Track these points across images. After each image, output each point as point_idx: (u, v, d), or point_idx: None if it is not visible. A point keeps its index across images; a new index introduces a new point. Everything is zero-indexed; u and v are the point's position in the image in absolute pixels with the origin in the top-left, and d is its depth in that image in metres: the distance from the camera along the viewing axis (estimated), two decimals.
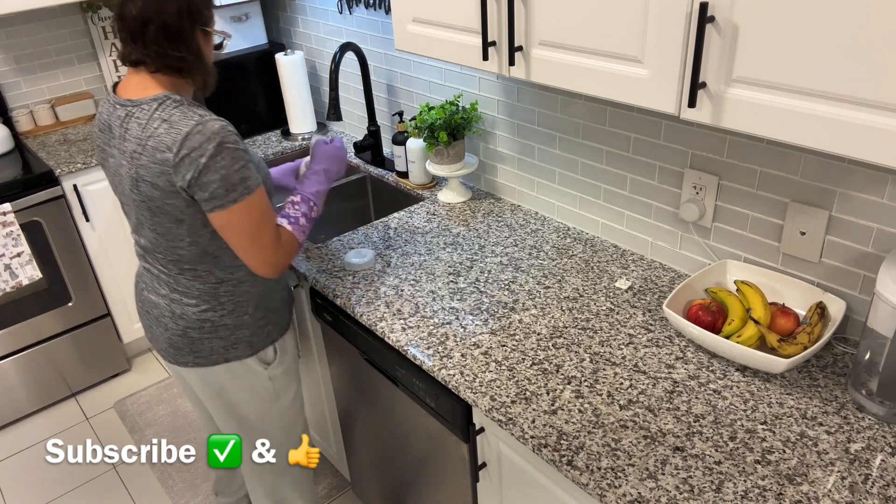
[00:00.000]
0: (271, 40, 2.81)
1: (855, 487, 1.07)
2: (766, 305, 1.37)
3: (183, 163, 1.28)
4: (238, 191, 1.32)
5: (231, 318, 1.54)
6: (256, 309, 1.57)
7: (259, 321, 1.59)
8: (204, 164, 1.28)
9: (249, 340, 1.58)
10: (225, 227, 1.37)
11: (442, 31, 1.52)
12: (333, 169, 1.67)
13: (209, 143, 1.28)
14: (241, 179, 1.32)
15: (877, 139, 0.91)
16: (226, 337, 1.55)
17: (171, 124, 1.29)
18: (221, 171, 1.29)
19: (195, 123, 1.28)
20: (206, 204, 1.33)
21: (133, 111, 1.34)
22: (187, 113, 1.30)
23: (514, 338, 1.47)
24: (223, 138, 1.29)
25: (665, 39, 1.09)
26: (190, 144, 1.27)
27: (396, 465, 1.86)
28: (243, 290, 1.53)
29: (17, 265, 2.42)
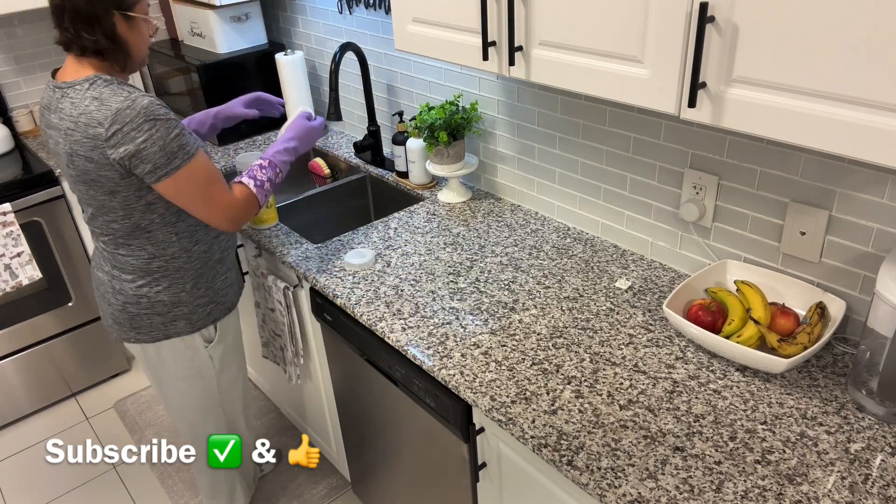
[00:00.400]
0: (271, 40, 2.81)
1: (855, 487, 1.07)
2: (766, 305, 1.37)
3: (115, 137, 1.36)
4: (179, 157, 1.41)
5: (167, 294, 1.60)
6: (195, 287, 1.64)
7: (199, 299, 1.65)
8: (139, 138, 1.36)
9: (188, 318, 1.65)
10: (176, 195, 1.46)
11: (442, 31, 1.51)
12: (301, 147, 1.74)
13: (139, 117, 1.36)
14: (180, 147, 1.41)
15: (877, 139, 0.91)
16: (164, 313, 1.62)
17: (101, 101, 1.37)
18: (159, 143, 1.38)
19: (124, 99, 1.37)
20: (150, 176, 1.41)
21: (67, 91, 1.42)
22: (117, 90, 1.39)
23: (514, 338, 1.47)
24: (153, 111, 1.38)
25: (665, 39, 1.09)
26: (121, 119, 1.36)
27: (396, 465, 1.86)
28: (176, 265, 1.59)
29: (17, 265, 2.42)
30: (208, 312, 1.69)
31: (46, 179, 2.52)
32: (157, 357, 1.70)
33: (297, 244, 1.91)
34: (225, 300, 1.74)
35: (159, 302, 1.61)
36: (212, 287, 1.68)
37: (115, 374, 2.95)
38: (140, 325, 1.63)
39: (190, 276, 1.62)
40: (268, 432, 2.60)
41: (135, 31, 1.46)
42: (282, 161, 1.66)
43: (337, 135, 2.68)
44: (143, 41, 1.49)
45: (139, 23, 1.46)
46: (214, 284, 1.69)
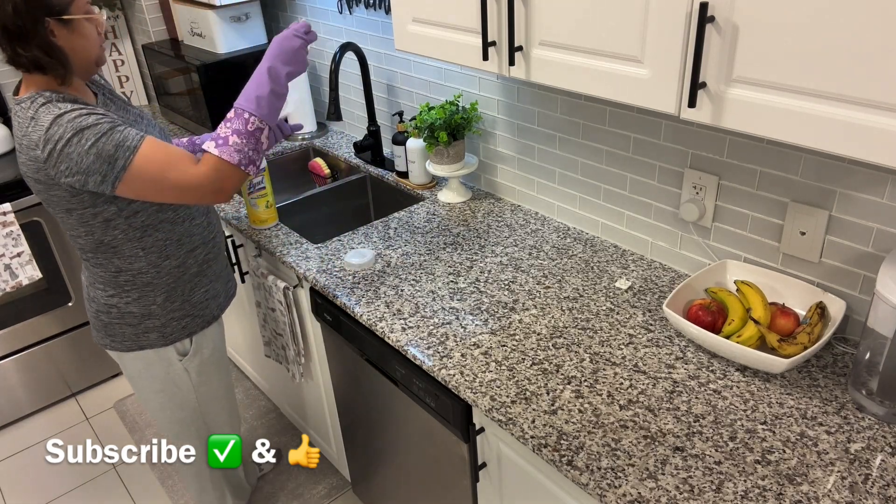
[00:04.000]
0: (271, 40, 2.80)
1: (855, 487, 1.07)
2: (766, 305, 1.37)
3: (52, 157, 1.29)
4: (121, 157, 1.31)
5: (137, 306, 1.56)
6: (168, 300, 1.58)
7: (173, 312, 1.60)
8: (72, 154, 1.28)
9: (161, 331, 1.60)
10: (139, 194, 1.37)
11: (442, 31, 1.51)
12: (280, 65, 1.41)
13: (66, 131, 1.28)
14: (116, 146, 1.30)
15: (877, 139, 0.91)
16: (134, 325, 1.58)
17: (36, 121, 1.30)
18: (93, 151, 1.29)
19: (53, 118, 1.29)
20: (104, 185, 1.32)
21: (17, 110, 1.36)
22: (51, 108, 1.30)
23: (514, 338, 1.47)
24: (80, 123, 1.28)
25: (665, 39, 1.09)
26: (51, 138, 1.28)
27: (396, 465, 1.86)
28: (145, 280, 1.54)
29: (17, 265, 2.42)
30: (183, 326, 1.62)
31: None
32: (133, 366, 1.66)
33: (297, 244, 1.91)
34: (204, 313, 1.66)
35: (129, 313, 1.56)
36: (188, 300, 1.61)
37: (115, 374, 2.95)
38: (113, 333, 1.59)
39: (161, 290, 1.56)
40: (268, 432, 2.60)
41: (77, 35, 1.34)
42: (245, 101, 1.39)
43: (337, 135, 2.68)
44: (90, 42, 1.37)
45: (80, 24, 1.34)
46: (192, 298, 1.62)
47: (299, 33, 1.45)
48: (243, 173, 1.40)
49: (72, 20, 1.32)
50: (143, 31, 3.10)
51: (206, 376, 1.74)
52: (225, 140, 1.38)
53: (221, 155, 1.37)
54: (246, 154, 1.39)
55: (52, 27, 1.30)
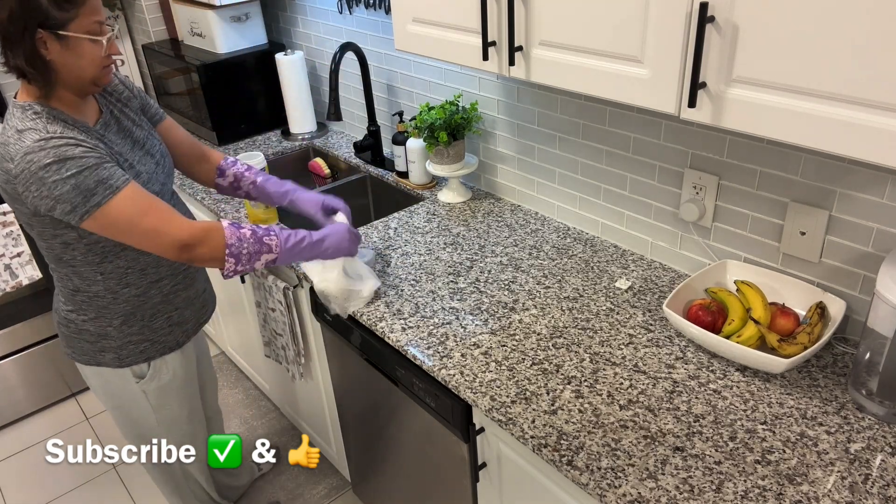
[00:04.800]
0: (271, 40, 2.81)
1: (855, 487, 1.07)
2: (766, 305, 1.37)
3: (23, 176, 1.25)
4: (99, 194, 1.28)
5: (93, 325, 1.52)
6: (125, 324, 1.53)
7: (131, 336, 1.55)
8: (48, 179, 1.25)
9: (117, 353, 1.56)
10: (105, 229, 1.33)
11: (442, 31, 1.51)
12: (332, 252, 1.53)
13: (48, 157, 1.24)
14: (98, 182, 1.28)
15: (877, 139, 0.91)
16: (92, 342, 1.55)
17: (20, 136, 1.27)
18: (70, 181, 1.25)
19: (39, 139, 1.25)
20: (71, 216, 1.29)
21: (7, 116, 1.33)
22: (38, 126, 1.27)
23: (514, 338, 1.46)
24: (65, 153, 1.25)
25: (665, 39, 1.09)
26: (29, 159, 1.24)
27: (396, 464, 1.86)
28: (102, 304, 1.49)
29: (17, 265, 2.42)
30: (141, 350, 1.57)
31: None
32: (92, 380, 1.64)
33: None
34: (165, 340, 1.60)
35: (86, 331, 1.53)
36: (148, 326, 1.56)
37: None
38: (73, 345, 1.58)
39: (118, 314, 1.51)
40: (268, 432, 2.60)
41: (71, 52, 1.28)
42: (289, 240, 1.46)
43: (337, 135, 2.68)
44: (85, 62, 1.31)
45: (78, 42, 1.28)
46: (152, 324, 1.56)
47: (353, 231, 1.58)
48: (221, 259, 1.40)
49: (68, 37, 1.27)
50: (143, 31, 3.10)
51: (165, 400, 1.68)
52: (240, 226, 1.42)
53: (225, 230, 1.39)
54: (241, 249, 1.40)
55: (44, 39, 1.26)
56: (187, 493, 1.98)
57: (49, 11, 1.24)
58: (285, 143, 2.66)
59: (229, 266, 1.41)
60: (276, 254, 1.45)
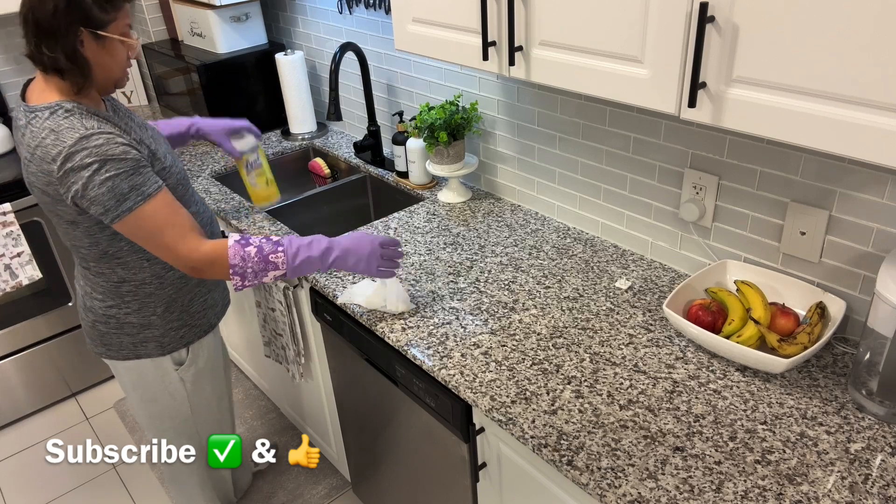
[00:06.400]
0: (271, 40, 2.81)
1: (855, 487, 1.07)
2: (766, 305, 1.37)
3: (67, 176, 1.29)
4: (131, 199, 1.32)
5: (137, 316, 1.56)
6: (167, 311, 1.58)
7: (171, 322, 1.60)
8: (88, 178, 1.28)
9: (159, 341, 1.61)
10: (130, 234, 1.38)
11: (442, 31, 1.51)
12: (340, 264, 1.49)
13: (90, 156, 1.28)
14: (132, 188, 1.32)
15: (877, 139, 0.91)
16: (133, 334, 1.58)
17: (57, 135, 1.29)
18: (107, 184, 1.29)
19: (79, 137, 1.28)
20: (104, 217, 1.34)
21: (31, 118, 1.34)
22: (75, 124, 1.30)
23: (514, 338, 1.47)
24: (107, 151, 1.29)
25: (665, 39, 1.09)
26: (72, 158, 1.28)
27: (396, 465, 1.86)
28: (147, 291, 1.54)
29: (17, 265, 2.42)
30: (181, 336, 1.63)
31: None
32: (128, 376, 1.66)
33: None
34: (201, 322, 1.68)
35: (128, 324, 1.56)
36: (187, 311, 1.62)
37: None
38: (110, 342, 1.59)
39: (161, 301, 1.56)
40: (268, 432, 2.60)
41: (105, 52, 1.35)
42: (291, 244, 1.45)
43: (337, 135, 2.68)
44: (115, 63, 1.38)
45: (113, 44, 1.35)
46: (190, 308, 1.63)
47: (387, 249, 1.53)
48: (227, 277, 1.43)
49: (105, 37, 1.33)
50: (143, 31, 3.10)
51: (200, 385, 1.74)
52: (246, 243, 1.43)
53: (230, 249, 1.41)
54: (246, 268, 1.42)
55: (84, 37, 1.31)
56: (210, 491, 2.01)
57: (92, 11, 1.30)
58: (285, 143, 2.66)
59: (236, 283, 1.44)
60: (283, 270, 1.46)
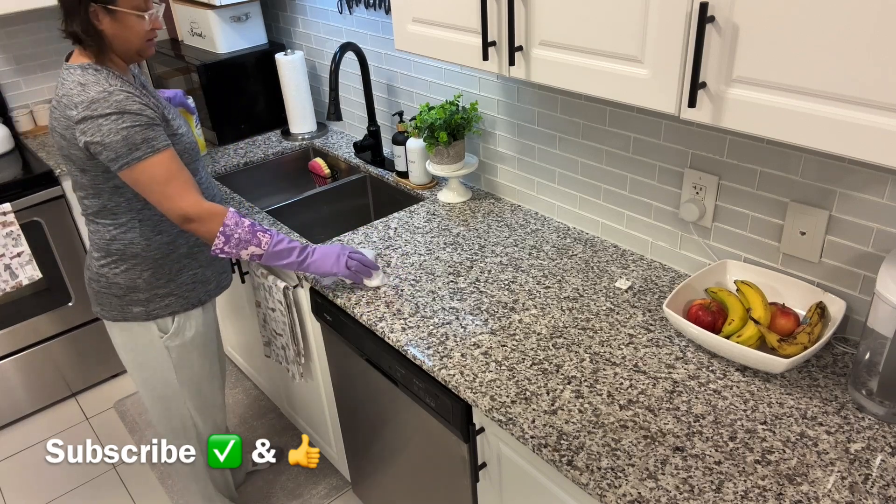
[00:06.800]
0: (271, 40, 2.81)
1: (855, 487, 1.07)
2: (766, 305, 1.37)
3: (84, 122, 1.41)
4: (142, 149, 1.43)
5: (123, 277, 1.62)
6: (154, 276, 1.64)
7: (158, 289, 1.65)
8: (104, 127, 1.40)
9: (145, 306, 1.66)
10: (135, 184, 1.48)
11: (442, 31, 1.51)
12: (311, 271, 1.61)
13: (110, 107, 1.41)
14: (145, 140, 1.43)
15: (877, 139, 0.91)
16: (120, 296, 1.64)
17: (84, 87, 1.43)
18: (122, 133, 1.41)
19: (102, 90, 1.42)
20: (112, 164, 1.44)
21: (64, 74, 1.48)
22: (101, 81, 1.44)
23: (514, 338, 1.47)
24: (126, 105, 1.42)
25: (665, 39, 1.09)
26: (93, 107, 1.40)
27: (396, 464, 1.86)
28: (134, 251, 1.61)
29: (17, 265, 2.42)
30: (166, 304, 1.67)
31: (46, 179, 2.52)
32: (119, 337, 1.72)
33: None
34: (189, 295, 1.71)
35: (115, 284, 1.63)
36: (174, 280, 1.67)
37: (115, 374, 2.95)
38: (103, 302, 1.67)
39: (148, 265, 1.62)
40: (268, 432, 2.60)
41: (120, 25, 1.46)
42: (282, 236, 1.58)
43: (337, 135, 2.68)
44: (132, 35, 1.49)
45: (126, 17, 1.46)
46: (178, 278, 1.67)
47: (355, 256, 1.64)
48: (213, 236, 1.51)
49: (116, 11, 1.44)
50: None
51: (186, 358, 1.77)
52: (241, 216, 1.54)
53: (228, 212, 1.52)
54: (234, 233, 1.52)
55: (97, 12, 1.43)
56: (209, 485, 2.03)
57: None
58: (285, 143, 2.66)
59: (217, 244, 1.52)
60: (262, 250, 1.55)
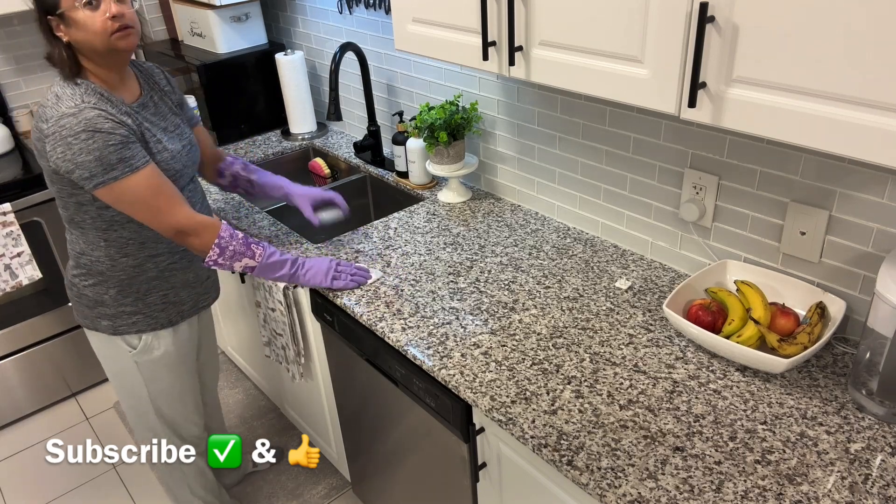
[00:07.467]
0: (271, 40, 2.81)
1: (855, 487, 1.07)
2: (766, 305, 1.37)
3: (52, 136, 1.36)
4: (119, 169, 1.39)
5: (91, 290, 1.61)
6: (120, 294, 1.61)
7: (124, 307, 1.63)
8: (74, 145, 1.35)
9: (112, 321, 1.64)
10: (117, 201, 1.44)
11: (442, 31, 1.51)
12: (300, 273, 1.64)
13: (79, 125, 1.35)
14: (121, 160, 1.38)
15: (877, 139, 0.91)
16: (90, 307, 1.64)
17: (59, 100, 1.39)
18: (95, 153, 1.36)
19: (73, 105, 1.37)
20: (86, 182, 1.39)
21: (52, 84, 1.45)
22: (76, 96, 1.39)
23: (514, 338, 1.47)
24: (96, 125, 1.36)
25: (665, 39, 1.09)
26: (61, 123, 1.36)
27: (396, 465, 1.86)
28: (99, 269, 1.58)
29: (17, 265, 2.42)
30: (133, 322, 1.64)
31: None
32: (95, 345, 1.72)
33: (297, 244, 1.91)
34: (158, 315, 1.66)
35: (85, 295, 1.62)
36: (142, 299, 1.62)
37: None
38: (77, 308, 1.67)
39: (114, 283, 1.59)
40: (268, 432, 2.60)
41: (75, 28, 1.38)
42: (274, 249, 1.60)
43: (337, 135, 2.68)
44: (90, 34, 1.38)
45: (76, 17, 1.36)
46: (146, 298, 1.63)
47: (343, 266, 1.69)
48: (208, 248, 1.52)
49: (64, 15, 1.37)
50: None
51: (157, 375, 1.73)
52: (234, 228, 1.56)
53: (223, 224, 1.53)
54: (228, 245, 1.53)
55: (54, 23, 1.38)
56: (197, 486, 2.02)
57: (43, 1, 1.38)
58: (285, 143, 2.66)
59: (212, 255, 1.52)
60: (256, 262, 1.57)
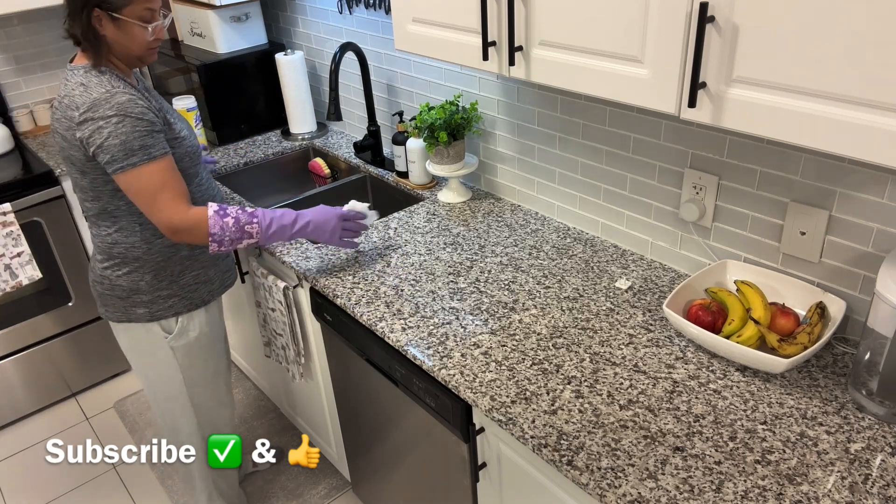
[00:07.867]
0: (271, 40, 2.81)
1: (855, 487, 1.07)
2: (766, 305, 1.37)
3: (85, 123, 1.41)
4: (138, 156, 1.44)
5: (126, 279, 1.62)
6: (156, 278, 1.64)
7: (160, 291, 1.66)
8: (104, 129, 1.41)
9: (148, 307, 1.66)
10: (126, 190, 1.48)
11: (442, 31, 1.51)
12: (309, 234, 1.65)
13: (111, 109, 1.41)
14: (142, 146, 1.44)
15: (877, 139, 0.91)
16: (124, 297, 1.65)
17: (86, 88, 1.44)
18: (122, 137, 1.41)
19: (104, 92, 1.42)
20: (108, 167, 1.44)
21: (69, 74, 1.49)
22: (104, 82, 1.44)
23: (514, 338, 1.47)
24: (128, 109, 1.42)
25: (665, 39, 1.09)
26: (95, 108, 1.41)
27: (396, 465, 1.86)
28: (135, 255, 1.61)
29: (17, 265, 2.42)
30: (170, 305, 1.68)
31: (46, 179, 2.52)
32: (124, 338, 1.73)
33: (296, 244, 1.91)
34: (192, 296, 1.71)
35: (118, 286, 1.63)
36: (176, 281, 1.67)
37: (115, 374, 2.95)
38: (107, 303, 1.68)
39: (150, 268, 1.62)
40: (268, 432, 2.60)
41: (122, 32, 1.46)
42: (266, 215, 1.59)
43: (337, 135, 2.68)
44: (133, 42, 1.48)
45: (129, 25, 1.45)
46: (180, 279, 1.67)
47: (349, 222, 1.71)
48: (205, 242, 1.55)
49: (120, 19, 1.44)
50: None
51: (191, 358, 1.77)
52: (225, 213, 1.55)
53: (210, 219, 1.52)
54: (224, 236, 1.55)
55: (100, 17, 1.43)
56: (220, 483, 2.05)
57: None
58: (285, 143, 2.66)
59: (213, 248, 1.55)
60: (256, 239, 1.59)
